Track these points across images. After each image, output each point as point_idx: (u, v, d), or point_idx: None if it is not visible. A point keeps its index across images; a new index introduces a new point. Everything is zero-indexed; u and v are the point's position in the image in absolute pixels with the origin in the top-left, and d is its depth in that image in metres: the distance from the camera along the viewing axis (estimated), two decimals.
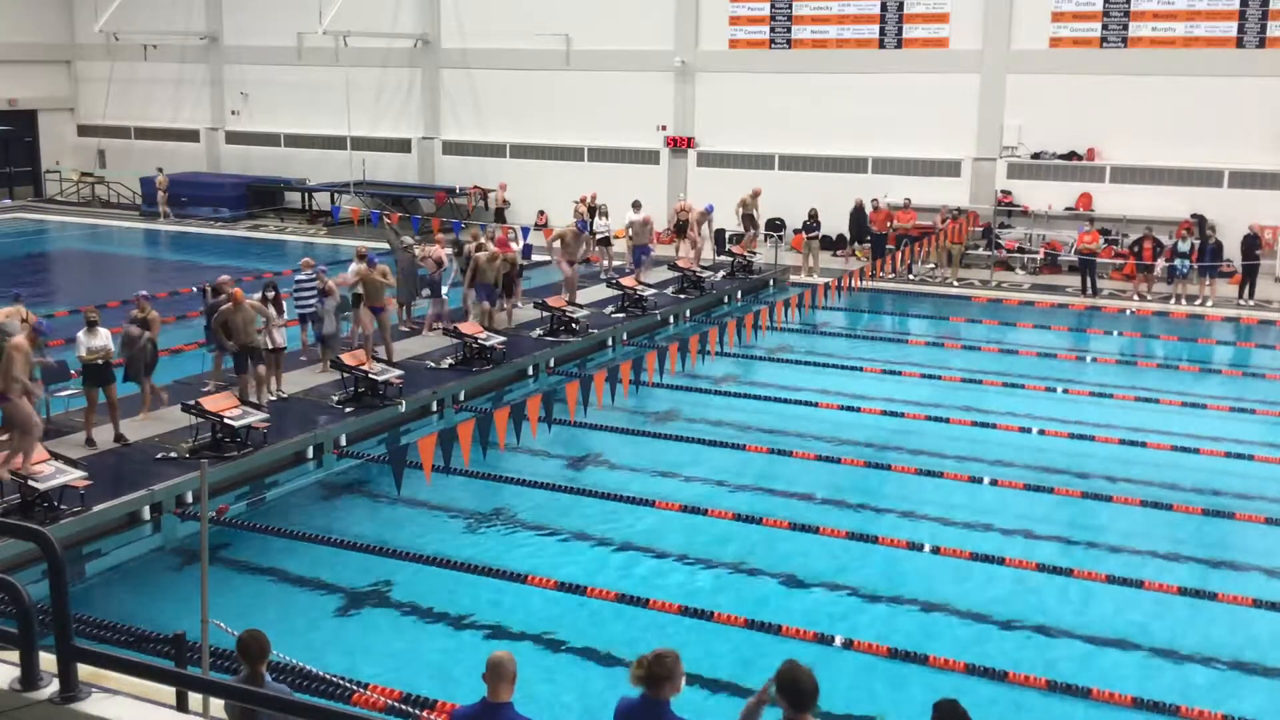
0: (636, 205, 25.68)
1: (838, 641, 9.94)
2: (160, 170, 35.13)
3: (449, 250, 20.42)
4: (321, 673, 8.68)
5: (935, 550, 11.80)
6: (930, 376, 18.44)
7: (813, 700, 5.62)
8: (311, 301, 17.60)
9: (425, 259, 19.52)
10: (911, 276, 25.76)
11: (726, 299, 24.02)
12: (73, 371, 14.54)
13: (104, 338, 13.63)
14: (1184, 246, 23.54)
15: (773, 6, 29.49)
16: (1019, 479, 13.92)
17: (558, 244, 21.41)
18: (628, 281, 21.83)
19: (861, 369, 18.75)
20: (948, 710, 5.67)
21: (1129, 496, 13.35)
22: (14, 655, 5.92)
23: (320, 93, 34.38)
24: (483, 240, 19.95)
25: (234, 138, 37.17)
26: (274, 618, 10.24)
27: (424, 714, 8.56)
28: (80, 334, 13.61)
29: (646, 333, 21.26)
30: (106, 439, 13.63)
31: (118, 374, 14.04)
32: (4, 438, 12.15)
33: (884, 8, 28.40)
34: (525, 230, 26.11)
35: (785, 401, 16.91)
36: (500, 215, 27.87)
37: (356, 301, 17.93)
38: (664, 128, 30.90)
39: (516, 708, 5.93)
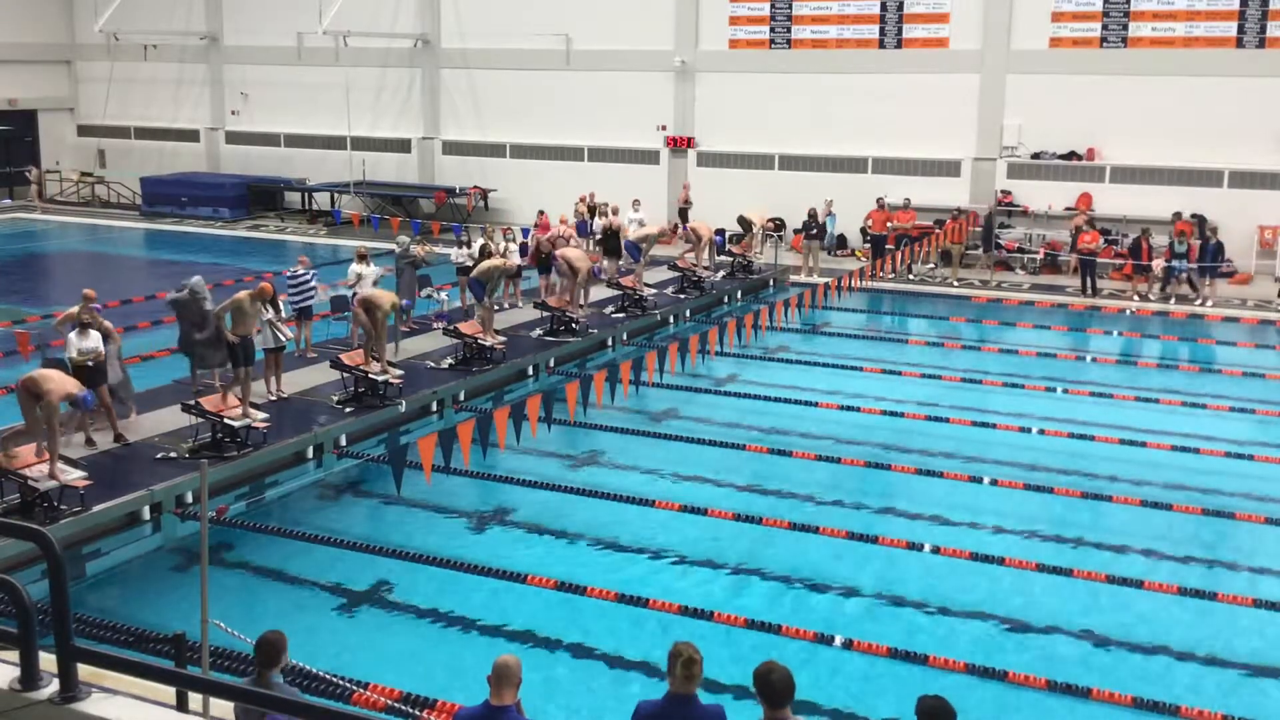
0: (636, 204, 25.71)
1: (838, 641, 9.94)
2: (33, 168, 36.54)
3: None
4: (321, 673, 8.67)
5: (935, 550, 11.80)
6: (930, 376, 18.44)
7: (787, 697, 5.63)
8: (306, 299, 17.67)
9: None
10: (911, 276, 25.76)
11: (726, 299, 24.01)
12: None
13: (95, 340, 13.60)
14: (1181, 247, 23.55)
15: (773, 6, 29.49)
16: (1019, 479, 13.92)
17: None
18: (628, 281, 21.82)
19: (861, 369, 18.74)
20: (932, 707, 5.67)
21: (1129, 496, 13.35)
22: (14, 655, 5.93)
23: (320, 93, 34.38)
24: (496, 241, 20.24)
25: (234, 138, 37.17)
26: (274, 618, 10.22)
27: (424, 714, 8.56)
28: (72, 335, 13.56)
29: (646, 333, 21.25)
30: (106, 439, 13.63)
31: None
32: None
33: (884, 8, 28.40)
34: (525, 231, 26.09)
35: (785, 401, 16.91)
36: (684, 214, 27.65)
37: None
38: (664, 128, 30.90)
39: (517, 709, 5.94)
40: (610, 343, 20.26)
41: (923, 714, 5.68)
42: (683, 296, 22.98)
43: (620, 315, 21.15)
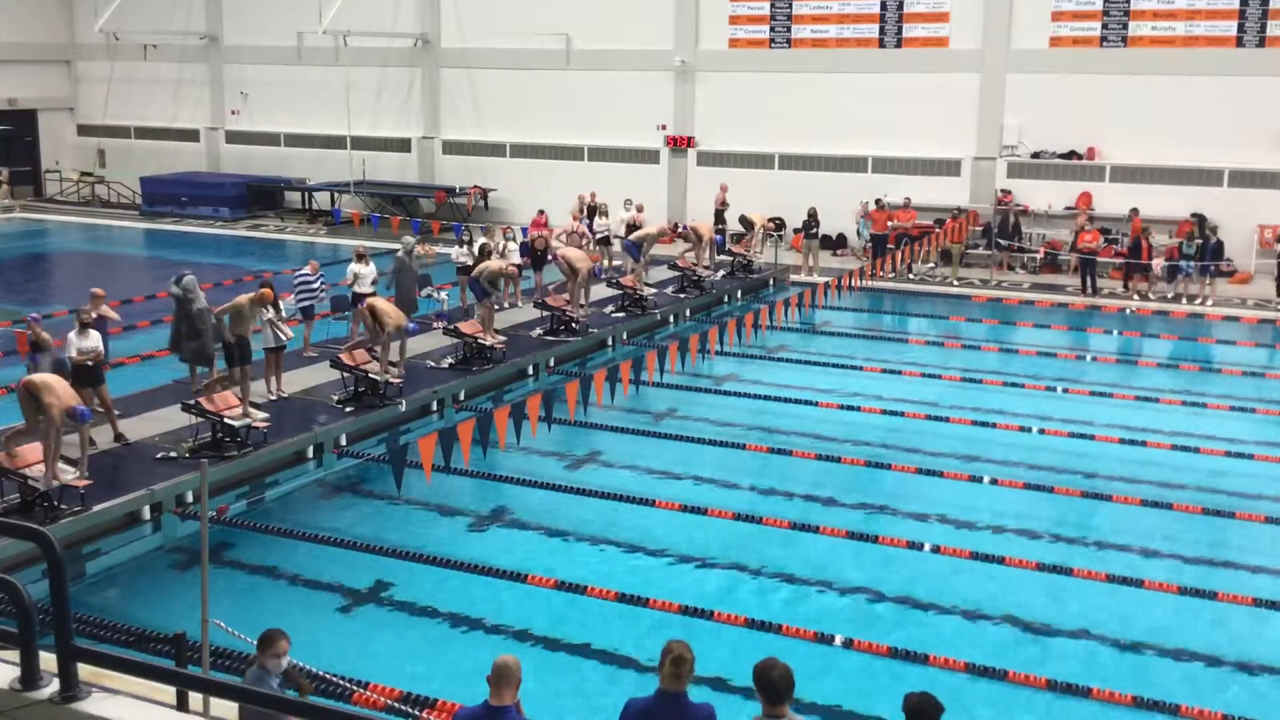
0: (628, 204, 25.73)
1: (838, 641, 9.95)
2: (2, 169, 36.62)
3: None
4: (322, 672, 8.67)
5: (935, 549, 11.80)
6: (930, 376, 18.44)
7: (787, 694, 5.63)
8: (309, 300, 17.69)
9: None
10: (911, 276, 25.76)
11: (726, 298, 24.02)
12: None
13: (95, 339, 13.58)
14: (1189, 249, 23.53)
15: (773, 6, 29.47)
16: (1019, 478, 13.92)
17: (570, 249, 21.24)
18: (628, 281, 21.82)
19: (861, 368, 18.75)
20: (917, 704, 5.69)
21: (1129, 496, 13.35)
22: (14, 655, 5.93)
23: (320, 93, 34.37)
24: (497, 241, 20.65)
25: (234, 137, 37.16)
26: (274, 618, 10.21)
27: (424, 714, 8.56)
28: (71, 334, 13.54)
29: (646, 332, 21.25)
30: (106, 438, 13.62)
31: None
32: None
33: (884, 7, 28.38)
34: (525, 230, 26.10)
35: (785, 401, 16.91)
36: (719, 216, 27.69)
37: (356, 301, 17.94)
38: (664, 127, 30.89)
39: (516, 709, 5.95)
40: (610, 342, 20.26)
41: (909, 711, 5.69)
42: (683, 296, 22.99)
43: (620, 315, 21.15)
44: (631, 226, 24.31)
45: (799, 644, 9.86)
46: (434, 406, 16.39)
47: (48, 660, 5.89)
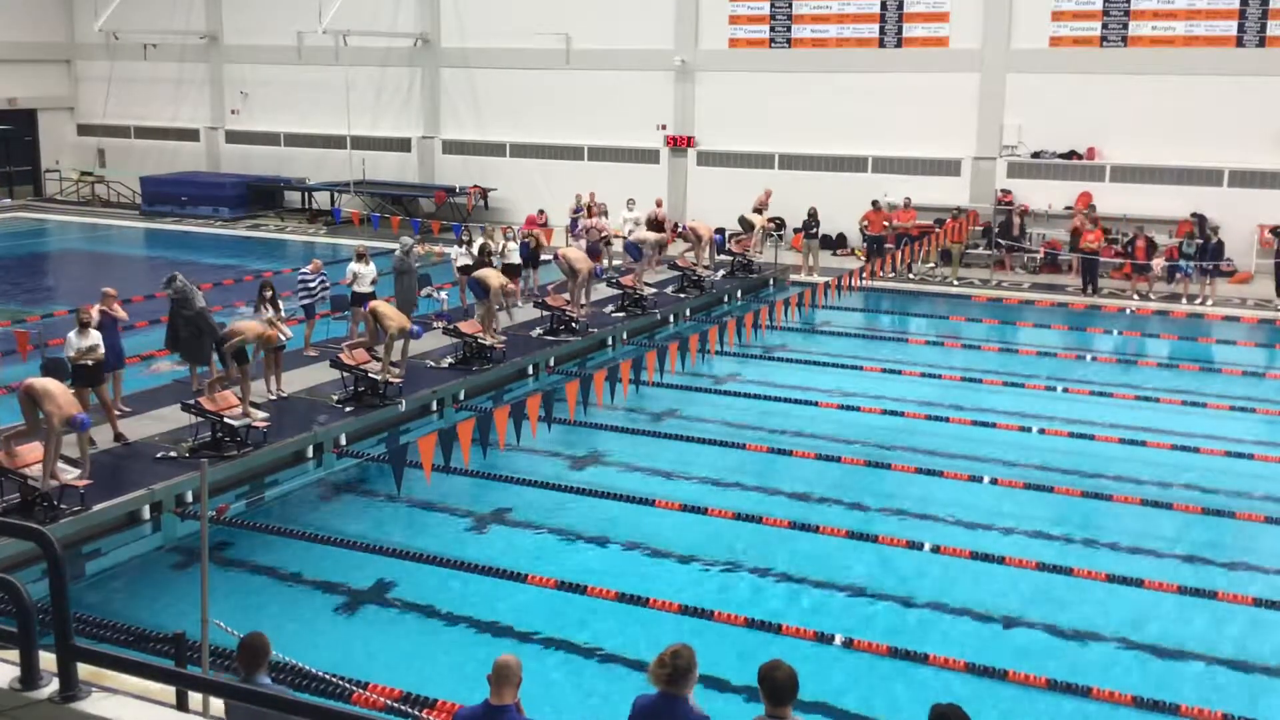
0: (630, 204, 25.73)
1: (838, 641, 9.94)
2: None
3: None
4: (321, 672, 8.67)
5: (935, 549, 11.80)
6: (930, 375, 18.44)
7: (790, 696, 5.62)
8: (310, 298, 17.69)
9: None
10: (911, 276, 25.76)
11: (726, 298, 24.01)
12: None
13: (94, 339, 13.56)
14: (1189, 248, 23.52)
15: (773, 6, 29.46)
16: (1019, 478, 13.92)
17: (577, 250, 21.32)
18: (628, 281, 21.82)
19: (861, 368, 18.75)
20: (944, 713, 5.65)
21: (1129, 496, 13.36)
22: (14, 654, 5.93)
23: (320, 92, 34.36)
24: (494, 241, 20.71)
25: (234, 137, 37.14)
26: (274, 618, 10.24)
27: (424, 714, 8.56)
28: (71, 334, 13.51)
29: (646, 332, 21.25)
30: (106, 438, 13.61)
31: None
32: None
33: (884, 7, 28.38)
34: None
35: (785, 401, 16.91)
36: (749, 222, 27.70)
37: (355, 300, 17.95)
38: (664, 127, 30.89)
39: (516, 709, 5.95)
40: (610, 342, 20.26)
41: (935, 718, 5.65)
42: (683, 296, 22.98)
43: (620, 315, 21.15)
44: (653, 222, 24.40)
45: (799, 644, 9.86)
46: (434, 406, 16.39)
47: (47, 660, 5.89)
